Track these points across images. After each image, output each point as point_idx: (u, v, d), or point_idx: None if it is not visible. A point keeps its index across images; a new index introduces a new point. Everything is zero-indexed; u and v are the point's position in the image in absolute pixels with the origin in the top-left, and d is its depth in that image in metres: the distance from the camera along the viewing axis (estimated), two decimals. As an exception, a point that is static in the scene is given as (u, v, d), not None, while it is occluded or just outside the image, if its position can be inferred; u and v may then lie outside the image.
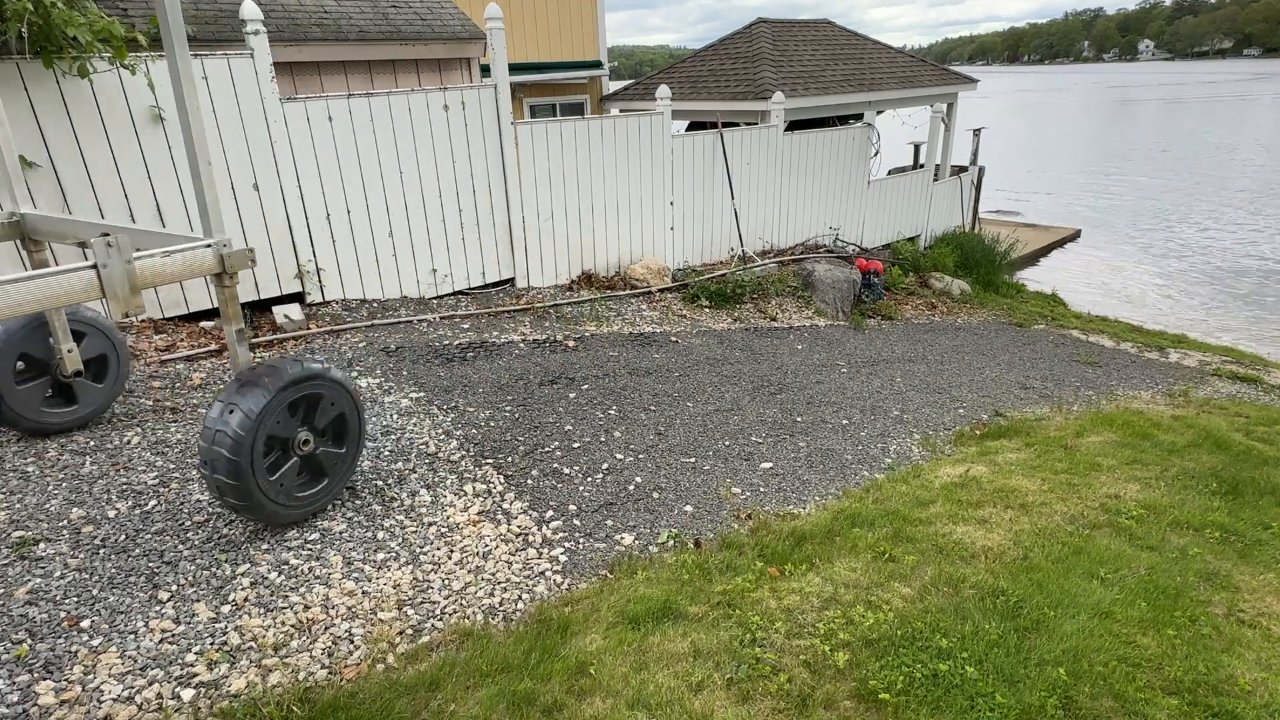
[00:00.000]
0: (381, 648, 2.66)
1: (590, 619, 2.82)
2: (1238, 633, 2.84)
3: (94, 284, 2.57)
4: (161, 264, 2.76)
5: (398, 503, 3.59)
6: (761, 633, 2.69)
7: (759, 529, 3.60)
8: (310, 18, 7.50)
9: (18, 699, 2.31)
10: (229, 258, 2.88)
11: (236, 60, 5.32)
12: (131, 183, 5.11)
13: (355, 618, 2.80)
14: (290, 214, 5.79)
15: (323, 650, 2.63)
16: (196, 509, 3.38)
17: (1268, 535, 3.67)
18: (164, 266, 2.77)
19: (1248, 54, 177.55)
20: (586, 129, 7.22)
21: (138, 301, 2.68)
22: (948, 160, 12.25)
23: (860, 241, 10.62)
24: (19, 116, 4.64)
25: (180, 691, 2.40)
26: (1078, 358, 7.83)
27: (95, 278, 2.57)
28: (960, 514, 3.75)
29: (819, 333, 7.61)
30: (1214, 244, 16.80)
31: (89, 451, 3.75)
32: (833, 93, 10.01)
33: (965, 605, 2.86)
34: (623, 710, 2.31)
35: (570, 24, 12.47)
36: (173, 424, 4.13)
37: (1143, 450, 4.84)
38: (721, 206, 8.68)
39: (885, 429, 5.27)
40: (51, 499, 3.34)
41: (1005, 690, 2.38)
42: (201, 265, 2.86)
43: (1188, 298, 13.19)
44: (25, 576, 2.85)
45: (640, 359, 6.00)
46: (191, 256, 2.83)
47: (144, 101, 5.03)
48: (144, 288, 2.71)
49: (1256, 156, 29.91)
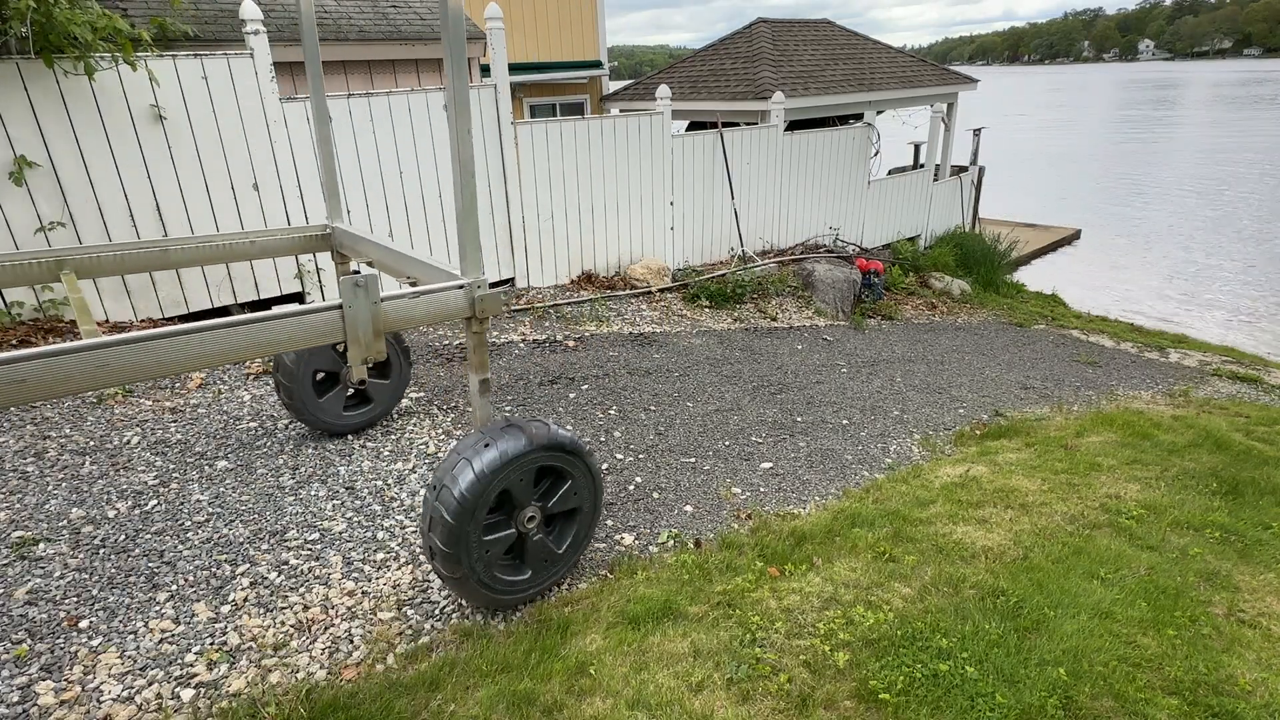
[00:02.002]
0: (381, 648, 2.66)
1: (590, 619, 2.82)
2: (1238, 633, 2.84)
3: (336, 326, 2.43)
4: (409, 306, 2.57)
5: (398, 503, 3.59)
6: (761, 633, 2.69)
7: (759, 529, 3.60)
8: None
9: (17, 699, 2.31)
10: (480, 301, 2.66)
11: (236, 60, 5.32)
12: (131, 182, 5.11)
13: (355, 618, 2.80)
14: (290, 214, 5.79)
15: (322, 650, 2.63)
16: (196, 509, 3.38)
17: (1268, 535, 3.66)
18: (410, 309, 2.58)
19: (1248, 54, 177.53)
20: (586, 129, 7.22)
21: (379, 347, 2.50)
22: (948, 160, 12.25)
23: (860, 241, 10.62)
24: (19, 116, 4.64)
25: (180, 691, 2.40)
26: (1078, 357, 7.83)
27: (339, 319, 2.42)
28: (960, 514, 3.75)
29: (819, 333, 7.61)
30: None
31: (89, 451, 3.76)
32: (833, 93, 10.01)
33: (965, 605, 2.86)
34: (623, 710, 2.31)
35: (570, 24, 12.48)
36: (173, 424, 4.13)
37: (1143, 450, 4.84)
38: (721, 206, 8.68)
39: (885, 429, 5.27)
40: (51, 499, 3.34)
41: (1005, 690, 2.38)
42: (450, 309, 2.64)
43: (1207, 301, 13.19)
44: (25, 576, 2.85)
45: (640, 359, 6.00)
46: (441, 299, 2.61)
47: (144, 101, 5.03)
48: (388, 330, 2.54)
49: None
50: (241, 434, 4.10)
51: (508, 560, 2.83)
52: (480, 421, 2.75)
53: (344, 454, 3.98)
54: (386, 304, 2.52)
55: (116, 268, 3.28)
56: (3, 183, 4.64)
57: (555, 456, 2.73)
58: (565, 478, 2.83)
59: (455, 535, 2.53)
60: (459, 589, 2.69)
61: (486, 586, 2.70)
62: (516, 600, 2.85)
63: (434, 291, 2.60)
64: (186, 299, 5.53)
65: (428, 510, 2.59)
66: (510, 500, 2.69)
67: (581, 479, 2.87)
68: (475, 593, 2.70)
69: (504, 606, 2.85)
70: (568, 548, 2.97)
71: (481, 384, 2.74)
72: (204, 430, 4.10)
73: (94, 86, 4.83)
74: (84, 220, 4.98)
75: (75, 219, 4.95)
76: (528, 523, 2.78)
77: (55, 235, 4.87)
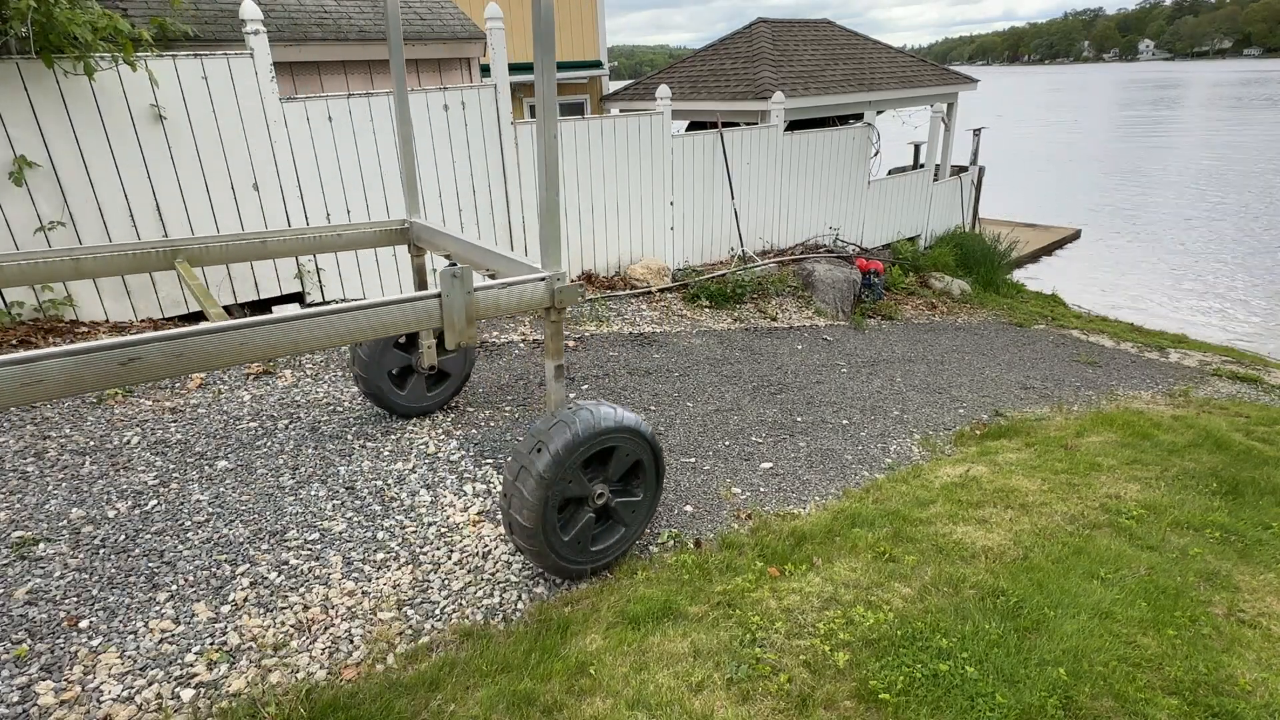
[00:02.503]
0: (381, 648, 2.66)
1: (590, 619, 2.82)
2: (1238, 633, 2.84)
3: (434, 314, 2.63)
4: (498, 296, 2.78)
5: (398, 503, 3.59)
6: (761, 633, 2.69)
7: (759, 529, 3.60)
8: (310, 18, 7.50)
9: (18, 699, 2.31)
10: (559, 293, 2.86)
11: (236, 60, 5.32)
12: (131, 182, 5.11)
13: (355, 618, 2.80)
14: (290, 214, 5.79)
15: (322, 650, 2.63)
16: (196, 509, 3.38)
17: (1268, 535, 3.66)
18: (499, 299, 2.78)
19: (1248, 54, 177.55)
20: (586, 129, 7.22)
21: (471, 333, 2.70)
22: (948, 160, 12.25)
23: (860, 241, 10.62)
24: (19, 116, 4.64)
25: (180, 691, 2.40)
26: (1078, 358, 7.83)
27: (437, 307, 2.63)
28: (960, 514, 3.75)
29: (819, 333, 7.61)
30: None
31: (89, 451, 3.76)
32: (833, 93, 10.01)
33: (965, 605, 2.86)
34: (623, 710, 2.31)
35: (570, 24, 12.48)
36: (173, 424, 4.13)
37: (1143, 450, 4.84)
38: (721, 206, 8.68)
39: (885, 429, 5.27)
40: (51, 499, 3.34)
41: (1005, 690, 2.38)
42: (534, 299, 2.86)
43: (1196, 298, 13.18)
44: (25, 576, 2.85)
45: (640, 359, 6.00)
46: (525, 290, 2.83)
47: (144, 101, 5.03)
48: (479, 319, 2.75)
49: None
50: (241, 434, 4.10)
51: (580, 533, 3.01)
52: (555, 404, 2.95)
53: (344, 454, 3.99)
54: (478, 294, 2.70)
55: (223, 257, 3.53)
56: (3, 183, 4.64)
57: (621, 437, 2.91)
58: (630, 457, 3.03)
59: (534, 512, 2.75)
60: (536, 560, 2.94)
61: (560, 557, 2.92)
62: (586, 568, 3.08)
63: (520, 283, 2.81)
64: (186, 299, 5.53)
65: (508, 490, 2.81)
66: (581, 478, 2.88)
67: (645, 458, 3.08)
68: (550, 562, 2.93)
69: (575, 575, 3.07)
70: (633, 521, 3.19)
71: (557, 369, 2.95)
72: (204, 430, 4.10)
73: (94, 86, 4.83)
74: (84, 220, 4.98)
75: (75, 219, 4.95)
76: (597, 498, 2.99)
77: (55, 235, 4.87)
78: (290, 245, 3.70)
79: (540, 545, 2.83)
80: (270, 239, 3.61)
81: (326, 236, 3.78)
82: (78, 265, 3.14)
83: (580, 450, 2.79)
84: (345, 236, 3.85)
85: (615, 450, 2.97)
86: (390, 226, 4.00)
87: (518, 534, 2.84)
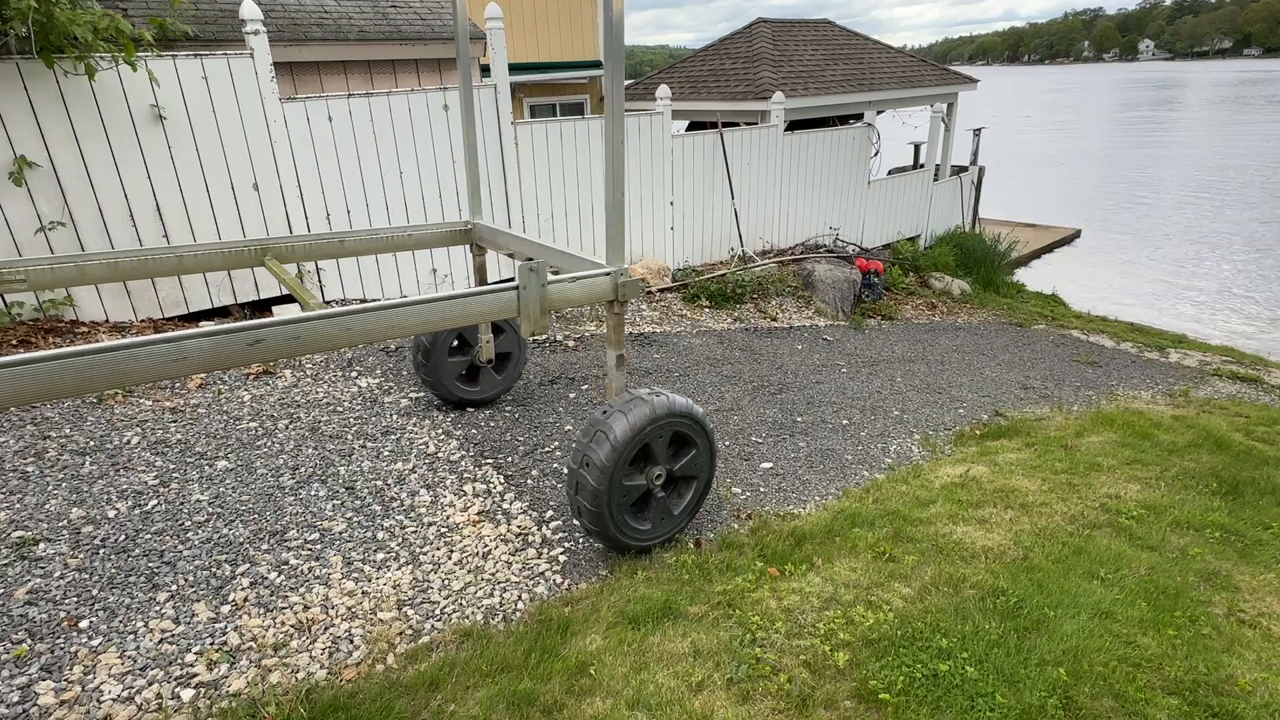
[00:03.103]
0: (381, 648, 2.66)
1: (590, 619, 2.82)
2: (1238, 633, 2.84)
3: (512, 304, 2.84)
4: (568, 289, 2.97)
5: (398, 503, 3.59)
6: (761, 633, 2.69)
7: (759, 529, 3.60)
8: (310, 18, 7.51)
9: (17, 699, 2.31)
10: (623, 286, 3.06)
11: (236, 60, 5.32)
12: (131, 182, 5.11)
13: (355, 618, 2.80)
14: (290, 214, 5.79)
15: (322, 650, 2.63)
16: (196, 509, 3.38)
17: (1268, 535, 3.66)
18: (569, 292, 2.97)
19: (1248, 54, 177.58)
20: (586, 129, 7.22)
21: (544, 323, 2.88)
22: (948, 160, 12.25)
23: (860, 241, 10.62)
24: (19, 116, 4.64)
25: (180, 691, 2.40)
26: (1078, 358, 7.82)
27: (515, 299, 2.83)
28: (960, 514, 3.75)
29: (819, 333, 7.61)
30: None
31: (89, 451, 3.76)
32: (833, 93, 10.01)
33: (965, 605, 2.86)
34: (623, 710, 2.31)
35: (570, 24, 12.48)
36: (172, 424, 4.13)
37: (1143, 450, 4.84)
38: (721, 206, 8.68)
39: (885, 429, 5.27)
40: (51, 499, 3.34)
41: (1005, 690, 2.38)
42: (600, 292, 3.05)
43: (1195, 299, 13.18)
44: (25, 576, 2.85)
45: (640, 359, 6.00)
46: (592, 283, 3.02)
47: (144, 101, 5.03)
48: (551, 310, 2.94)
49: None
50: (241, 434, 4.10)
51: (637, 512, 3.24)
52: (615, 392, 3.14)
53: (344, 454, 3.99)
54: (551, 287, 2.90)
55: (306, 254, 3.75)
56: (3, 183, 4.64)
57: (677, 423, 3.10)
58: (686, 440, 3.21)
59: (597, 496, 2.95)
60: (599, 539, 3.18)
61: (622, 534, 3.13)
62: (643, 546, 3.27)
63: (588, 277, 3.01)
64: (186, 299, 5.53)
65: (573, 477, 3.01)
66: (641, 461, 3.10)
67: (700, 441, 3.24)
68: (613, 540, 3.15)
69: (633, 550, 3.27)
70: (690, 500, 3.37)
71: (618, 359, 3.15)
72: (204, 430, 4.10)
73: (94, 86, 4.83)
74: (84, 220, 4.98)
75: (75, 219, 4.95)
76: (655, 480, 3.18)
77: (55, 236, 4.87)
78: (366, 244, 3.93)
79: (604, 519, 3.02)
80: (348, 238, 3.85)
81: (399, 236, 4.02)
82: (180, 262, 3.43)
83: (645, 431, 2.96)
84: (415, 236, 4.09)
85: (674, 434, 3.14)
86: (455, 227, 4.24)
87: (585, 517, 3.06)
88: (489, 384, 4.70)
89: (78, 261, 3.17)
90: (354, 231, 3.86)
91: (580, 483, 2.97)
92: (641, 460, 3.10)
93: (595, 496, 2.94)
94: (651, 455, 3.12)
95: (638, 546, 3.24)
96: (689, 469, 3.27)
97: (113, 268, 3.25)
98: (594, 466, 2.92)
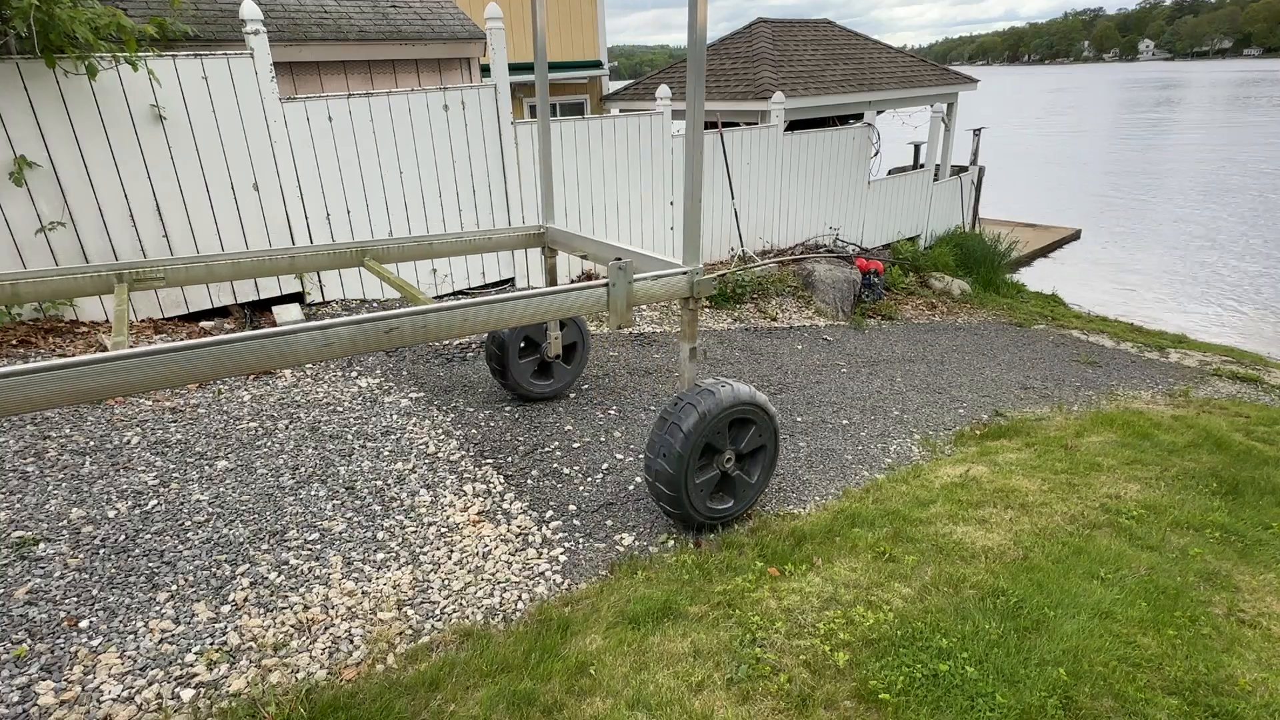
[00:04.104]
0: (381, 648, 2.66)
1: (590, 619, 2.82)
2: (1238, 633, 2.84)
3: (602, 300, 3.07)
4: (650, 286, 3.19)
5: (398, 503, 3.59)
6: (761, 633, 2.69)
7: (759, 529, 3.60)
8: (310, 18, 7.51)
9: (17, 699, 2.31)
10: (697, 284, 3.30)
11: (236, 60, 5.32)
12: (131, 182, 5.11)
13: (355, 618, 2.80)
14: (290, 214, 5.79)
15: (322, 650, 2.63)
16: (196, 509, 3.38)
17: (1268, 535, 3.66)
18: (651, 289, 3.20)
19: (1248, 54, 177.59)
20: (586, 129, 7.22)
21: (629, 317, 3.11)
22: (948, 160, 12.25)
23: (860, 241, 10.62)
24: (19, 116, 4.64)
25: (180, 691, 2.40)
26: (1078, 358, 7.82)
27: (605, 295, 3.06)
28: (960, 514, 3.75)
29: (819, 333, 7.61)
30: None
31: (89, 451, 3.76)
32: (833, 93, 10.01)
33: (965, 605, 2.86)
34: (623, 710, 2.31)
35: (570, 24, 12.48)
36: (172, 424, 4.13)
37: (1143, 450, 4.84)
38: (721, 206, 8.68)
39: (885, 429, 5.27)
40: (51, 499, 3.34)
41: (1005, 690, 2.38)
42: (677, 289, 3.29)
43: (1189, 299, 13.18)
44: (25, 576, 2.85)
45: (640, 359, 6.00)
46: (671, 281, 3.26)
47: (144, 101, 5.03)
48: (634, 305, 3.17)
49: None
50: (241, 434, 4.10)
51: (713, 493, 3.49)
52: (688, 381, 3.39)
53: (344, 454, 3.99)
54: (636, 284, 3.13)
55: (401, 255, 4.01)
56: (3, 183, 4.64)
57: (743, 410, 3.32)
58: (752, 424, 3.43)
59: (674, 482, 3.20)
60: (677, 520, 3.46)
61: (697, 513, 3.38)
62: (719, 523, 3.53)
63: (668, 275, 3.25)
64: (186, 300, 5.53)
65: (651, 466, 3.26)
66: (712, 446, 3.31)
67: (764, 425, 3.47)
68: (690, 521, 3.41)
69: (710, 528, 3.52)
70: (757, 480, 3.60)
71: (691, 351, 3.37)
72: (204, 430, 4.10)
73: (94, 86, 4.83)
74: (84, 220, 4.98)
75: (75, 219, 4.95)
76: (726, 463, 3.41)
77: (55, 236, 4.87)
78: (451, 247, 4.18)
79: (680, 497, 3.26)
80: (436, 241, 4.11)
81: (478, 239, 4.27)
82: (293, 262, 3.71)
83: (719, 416, 3.21)
84: (494, 240, 4.34)
85: (742, 420, 3.38)
86: (529, 231, 4.46)
87: (664, 501, 3.32)
88: (561, 376, 4.93)
89: (208, 262, 3.49)
90: (441, 235, 4.13)
91: (658, 471, 3.22)
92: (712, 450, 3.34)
93: (671, 484, 3.19)
94: (722, 440, 3.34)
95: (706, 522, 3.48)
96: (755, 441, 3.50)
97: (235, 267, 3.56)
98: (670, 456, 3.16)
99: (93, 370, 2.09)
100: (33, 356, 4.51)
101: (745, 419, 3.39)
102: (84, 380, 2.08)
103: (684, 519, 3.41)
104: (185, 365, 2.23)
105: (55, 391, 2.05)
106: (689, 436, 3.13)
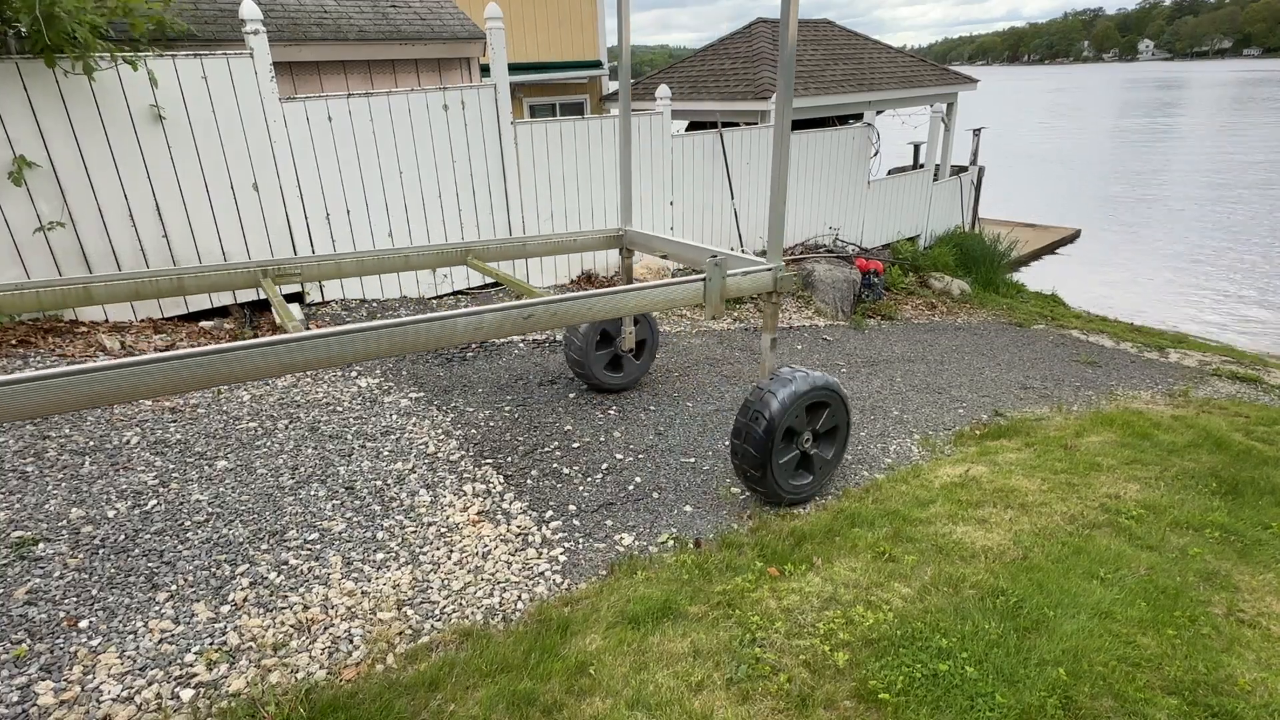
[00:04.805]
0: (381, 648, 2.66)
1: (590, 619, 2.82)
2: (1238, 632, 2.84)
3: (699, 293, 3.34)
4: (739, 281, 3.45)
5: (397, 503, 3.59)
6: (761, 632, 2.69)
7: (759, 529, 3.60)
8: (310, 18, 7.51)
9: (17, 699, 2.31)
10: (781, 280, 3.55)
11: (236, 60, 5.32)
12: (131, 182, 5.11)
13: (355, 618, 2.80)
14: (290, 214, 5.79)
15: (322, 650, 2.63)
16: (196, 509, 3.38)
17: (1268, 535, 3.66)
18: (740, 284, 3.45)
19: (1247, 54, 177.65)
20: (586, 129, 7.22)
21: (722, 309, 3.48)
22: (948, 160, 12.25)
23: (860, 241, 10.62)
24: (19, 116, 4.64)
25: (180, 691, 2.40)
26: (1078, 358, 7.82)
27: (702, 289, 3.33)
28: (960, 514, 3.75)
29: (819, 333, 7.61)
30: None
31: (89, 451, 3.76)
32: (833, 93, 10.01)
33: (965, 605, 2.86)
34: (622, 710, 2.31)
35: (570, 24, 12.48)
36: (172, 424, 4.13)
37: (1142, 450, 4.84)
38: (721, 206, 8.68)
39: (885, 429, 5.27)
40: (51, 499, 3.34)
41: (1005, 690, 2.38)
42: (762, 284, 3.53)
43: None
44: (25, 576, 2.85)
45: (640, 359, 5.99)
46: (758, 277, 3.51)
47: (144, 101, 5.03)
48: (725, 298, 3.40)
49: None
50: (241, 434, 4.10)
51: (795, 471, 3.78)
52: (769, 369, 3.65)
53: (344, 454, 3.99)
54: (729, 279, 3.40)
55: (499, 254, 4.29)
56: (2, 183, 4.64)
57: (819, 394, 3.62)
58: (826, 406, 3.72)
59: (759, 464, 3.51)
60: (761, 497, 3.77)
61: (782, 490, 3.69)
62: (800, 499, 3.84)
63: (756, 272, 3.50)
64: (186, 300, 5.53)
65: (737, 450, 3.56)
66: (791, 429, 3.60)
67: (838, 407, 3.77)
68: (778, 498, 3.71)
69: (791, 504, 3.82)
70: (833, 457, 3.94)
71: (772, 341, 3.67)
72: (203, 430, 4.10)
73: (94, 86, 4.83)
74: (84, 220, 4.98)
75: (75, 219, 4.95)
76: (805, 444, 3.72)
77: (54, 235, 4.87)
78: (543, 248, 4.47)
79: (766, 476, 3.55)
80: (530, 242, 4.42)
81: (565, 240, 4.53)
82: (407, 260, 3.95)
83: (801, 399, 3.50)
84: (579, 241, 4.61)
85: (820, 404, 3.67)
86: (609, 233, 4.73)
87: (750, 481, 3.64)
88: (631, 369, 5.17)
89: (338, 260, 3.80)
90: (533, 237, 4.46)
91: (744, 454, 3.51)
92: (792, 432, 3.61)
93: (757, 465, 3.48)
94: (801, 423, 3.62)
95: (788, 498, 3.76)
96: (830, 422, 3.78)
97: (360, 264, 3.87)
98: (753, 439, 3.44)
99: (288, 348, 2.43)
100: (33, 356, 4.51)
101: (821, 403, 3.67)
102: (292, 354, 2.44)
103: (771, 496, 3.68)
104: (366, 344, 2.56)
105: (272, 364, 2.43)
106: (773, 421, 3.41)
